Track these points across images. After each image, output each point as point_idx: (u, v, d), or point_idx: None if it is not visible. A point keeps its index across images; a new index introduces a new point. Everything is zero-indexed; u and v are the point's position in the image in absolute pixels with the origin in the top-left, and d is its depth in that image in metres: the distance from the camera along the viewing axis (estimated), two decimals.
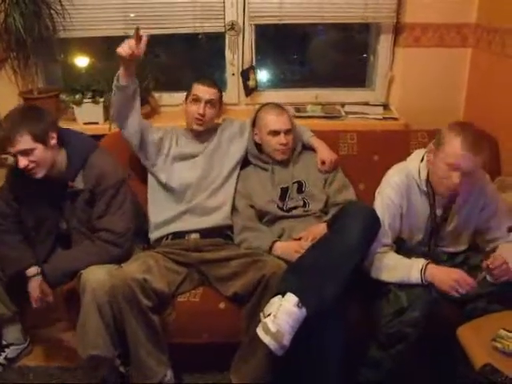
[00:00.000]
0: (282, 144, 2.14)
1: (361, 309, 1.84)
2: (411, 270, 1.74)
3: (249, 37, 2.71)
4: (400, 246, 1.90)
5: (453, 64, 2.67)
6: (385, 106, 2.80)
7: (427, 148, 1.85)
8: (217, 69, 2.90)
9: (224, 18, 2.65)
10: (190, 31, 2.66)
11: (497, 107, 2.41)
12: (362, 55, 2.95)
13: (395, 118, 2.68)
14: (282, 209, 2.11)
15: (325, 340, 1.66)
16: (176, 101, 2.58)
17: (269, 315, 1.53)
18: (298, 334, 1.54)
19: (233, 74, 2.79)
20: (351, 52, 3.06)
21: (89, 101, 2.53)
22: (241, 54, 2.74)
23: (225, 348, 1.89)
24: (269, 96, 2.81)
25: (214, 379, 2.01)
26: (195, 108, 2.14)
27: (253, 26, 2.69)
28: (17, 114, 1.84)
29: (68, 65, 2.82)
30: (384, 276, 1.78)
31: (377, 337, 1.76)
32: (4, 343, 2.11)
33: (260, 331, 1.53)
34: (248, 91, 2.77)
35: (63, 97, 2.58)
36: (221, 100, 2.26)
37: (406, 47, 2.66)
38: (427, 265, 1.73)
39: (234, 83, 2.81)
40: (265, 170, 2.21)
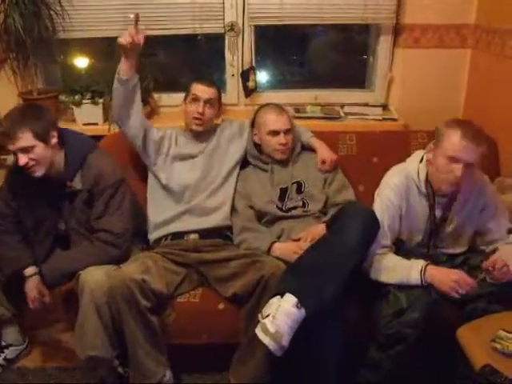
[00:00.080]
0: (282, 144, 2.15)
1: (360, 310, 1.83)
2: (411, 271, 1.74)
3: (248, 38, 2.71)
4: (399, 248, 1.90)
5: (452, 65, 2.67)
6: (384, 107, 2.80)
7: (426, 148, 1.85)
8: (216, 70, 2.90)
9: (223, 19, 2.65)
10: (190, 32, 2.66)
11: (496, 108, 2.41)
12: (362, 56, 2.94)
13: (394, 119, 2.68)
14: (282, 209, 2.11)
15: (324, 340, 1.66)
16: (175, 101, 2.57)
17: (267, 316, 1.53)
18: (297, 335, 1.53)
19: (232, 75, 2.79)
20: (351, 53, 3.06)
21: (88, 102, 2.53)
22: (240, 55, 2.74)
23: (224, 349, 1.88)
24: (268, 97, 2.81)
25: (213, 380, 2.01)
26: (194, 107, 2.14)
27: (252, 27, 2.69)
28: (18, 112, 1.85)
29: (67, 65, 2.82)
30: (383, 277, 1.78)
31: (376, 338, 1.76)
32: (3, 344, 2.11)
33: (259, 332, 1.53)
34: (248, 92, 2.77)
35: (62, 98, 2.59)
36: (220, 100, 2.26)
37: (406, 48, 2.66)
38: (427, 266, 1.73)
39: (234, 84, 2.81)
40: (264, 171, 2.21)
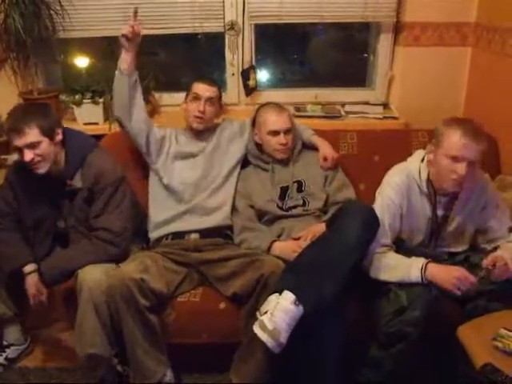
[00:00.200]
0: (282, 144, 2.14)
1: (361, 308, 1.83)
2: (411, 269, 1.73)
3: (248, 36, 2.71)
4: (400, 247, 1.90)
5: (453, 63, 2.67)
6: (385, 106, 2.80)
7: (426, 149, 1.85)
8: (217, 69, 2.90)
9: (224, 18, 2.64)
10: (190, 31, 2.66)
11: (497, 106, 2.40)
12: (362, 55, 2.94)
13: (395, 118, 2.68)
14: (282, 208, 2.11)
15: (323, 339, 1.66)
16: (176, 101, 2.57)
17: (265, 313, 1.54)
18: (297, 333, 1.54)
19: (232, 74, 2.79)
20: (351, 51, 3.05)
21: (88, 101, 2.53)
22: (241, 54, 2.74)
23: (225, 348, 1.88)
24: (269, 96, 2.81)
25: (214, 379, 2.01)
26: (195, 106, 2.15)
27: (252, 26, 2.69)
28: (24, 108, 1.85)
29: (68, 65, 2.82)
30: (383, 275, 1.78)
31: (377, 336, 1.75)
32: (4, 344, 2.12)
33: (257, 328, 1.53)
34: (248, 91, 2.77)
35: (63, 97, 2.59)
36: (220, 99, 2.26)
37: (406, 46, 2.66)
38: (427, 263, 1.72)
39: (234, 83, 2.81)
40: (265, 170, 2.21)
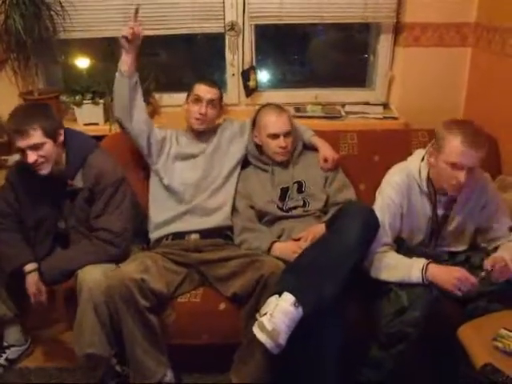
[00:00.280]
0: (282, 147, 2.14)
1: (361, 309, 1.83)
2: (412, 270, 1.73)
3: (249, 37, 2.71)
4: (400, 246, 1.90)
5: (453, 63, 2.67)
6: (385, 106, 2.81)
7: (427, 149, 1.85)
8: (217, 69, 2.90)
9: (224, 19, 2.65)
10: (190, 32, 2.66)
11: (497, 106, 2.40)
12: (363, 55, 2.94)
13: (395, 118, 2.68)
14: (282, 209, 2.11)
15: (323, 339, 1.66)
16: (176, 101, 2.57)
17: (265, 314, 1.54)
18: (297, 334, 1.54)
19: (233, 75, 2.79)
20: (351, 52, 3.05)
21: (89, 102, 2.54)
22: (241, 55, 2.74)
23: (225, 349, 1.88)
24: (269, 96, 2.81)
25: (215, 379, 2.01)
26: (197, 108, 2.15)
27: (253, 26, 2.69)
28: (26, 109, 1.84)
29: (68, 66, 2.82)
30: (384, 275, 1.78)
31: (378, 337, 1.75)
32: (5, 344, 2.11)
33: (256, 329, 1.53)
34: (248, 92, 2.77)
35: (63, 98, 2.60)
36: (221, 100, 2.26)
37: (406, 47, 2.66)
38: (428, 264, 1.72)
39: (234, 84, 2.81)
40: (265, 171, 2.21)
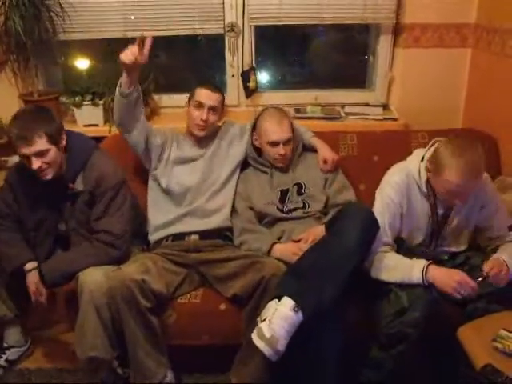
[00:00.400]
0: (281, 155, 2.13)
1: (361, 309, 1.83)
2: (412, 270, 1.73)
3: (248, 38, 2.71)
4: (400, 246, 1.90)
5: (453, 64, 2.67)
6: (385, 107, 2.81)
7: (426, 157, 1.83)
8: (217, 70, 2.90)
9: (223, 20, 2.65)
10: (190, 33, 2.66)
11: (497, 107, 2.40)
12: (362, 56, 2.94)
13: (395, 119, 2.68)
14: (282, 211, 2.11)
15: (323, 343, 1.66)
16: (176, 102, 2.58)
17: (264, 320, 1.53)
18: (297, 337, 1.53)
19: (232, 76, 2.79)
20: (351, 53, 3.05)
21: (89, 103, 2.54)
22: (240, 56, 2.74)
23: (226, 349, 1.88)
24: (269, 97, 2.82)
25: (215, 379, 2.01)
26: (198, 114, 2.13)
27: (252, 28, 2.69)
28: (30, 115, 1.81)
29: (68, 67, 2.83)
30: (384, 276, 1.78)
31: (378, 337, 1.76)
32: (5, 345, 2.12)
33: (255, 337, 1.52)
34: (248, 93, 2.77)
35: (63, 99, 2.60)
36: (223, 105, 2.25)
37: (406, 48, 2.66)
38: (428, 265, 1.72)
39: (234, 85, 2.81)
40: (264, 173, 2.21)
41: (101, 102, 2.53)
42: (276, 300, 1.57)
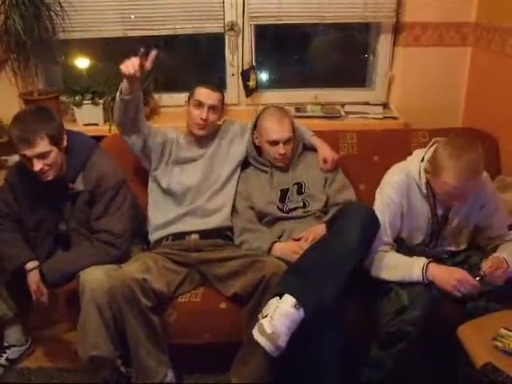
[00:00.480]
0: (280, 154, 2.13)
1: (362, 309, 1.84)
2: (412, 269, 1.73)
3: (248, 37, 2.71)
4: (400, 246, 1.90)
5: (453, 63, 2.67)
6: (385, 106, 2.81)
7: (425, 158, 1.83)
8: (217, 69, 2.89)
9: (223, 19, 2.65)
10: (190, 32, 2.66)
11: (497, 106, 2.41)
12: (362, 55, 2.94)
13: (395, 118, 2.68)
14: (282, 210, 2.11)
15: (323, 342, 1.66)
16: (176, 101, 2.58)
17: (265, 316, 1.54)
18: (297, 336, 1.53)
19: (232, 75, 2.79)
20: (351, 52, 3.05)
21: (89, 102, 2.54)
22: (240, 55, 2.74)
23: (226, 348, 1.88)
24: (269, 96, 2.82)
25: (216, 379, 2.01)
26: (198, 113, 2.13)
27: (252, 27, 2.69)
28: (31, 116, 1.80)
29: (68, 66, 2.82)
30: (384, 274, 1.78)
31: (378, 336, 1.76)
32: (5, 344, 2.12)
33: (255, 332, 1.53)
34: (248, 92, 2.77)
35: (63, 98, 2.60)
36: (223, 104, 2.25)
37: (406, 46, 2.67)
38: (429, 263, 1.73)
39: (234, 84, 2.81)
40: (265, 173, 2.21)
41: (101, 102, 2.53)
42: (277, 297, 1.58)
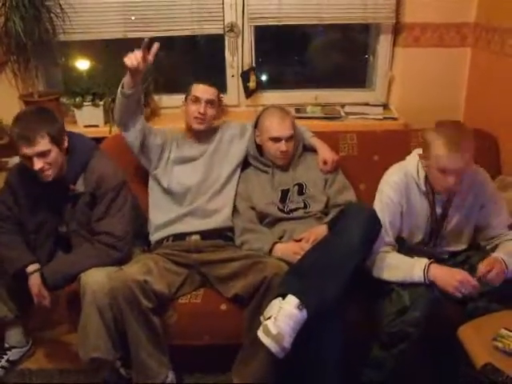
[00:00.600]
0: (282, 151, 2.14)
1: (363, 309, 1.84)
2: (414, 269, 1.74)
3: (248, 38, 2.71)
4: (401, 246, 1.90)
5: (452, 63, 2.67)
6: (385, 106, 2.81)
7: (417, 151, 1.85)
8: (217, 71, 2.89)
9: (223, 20, 2.65)
10: (190, 33, 2.67)
11: (497, 106, 2.41)
12: (362, 56, 2.94)
13: (395, 118, 2.68)
14: (283, 211, 2.11)
15: (324, 342, 1.66)
16: (176, 103, 2.57)
17: (269, 318, 1.54)
18: (297, 336, 1.54)
19: (232, 76, 2.79)
20: (351, 52, 3.05)
21: (89, 104, 2.54)
22: (240, 56, 2.74)
23: (227, 349, 1.88)
24: (269, 97, 2.82)
25: (216, 380, 2.01)
26: (195, 108, 2.15)
27: (252, 28, 2.69)
28: (32, 115, 1.81)
29: (68, 68, 2.83)
30: (386, 275, 1.78)
31: (379, 337, 1.76)
32: (6, 346, 2.12)
33: (261, 333, 1.53)
34: (248, 93, 2.77)
35: (63, 100, 2.60)
36: (220, 100, 2.26)
37: (406, 47, 2.67)
38: (430, 264, 1.73)
39: (234, 85, 2.81)
40: (265, 173, 2.21)
41: (101, 103, 2.54)
42: (280, 298, 1.58)
